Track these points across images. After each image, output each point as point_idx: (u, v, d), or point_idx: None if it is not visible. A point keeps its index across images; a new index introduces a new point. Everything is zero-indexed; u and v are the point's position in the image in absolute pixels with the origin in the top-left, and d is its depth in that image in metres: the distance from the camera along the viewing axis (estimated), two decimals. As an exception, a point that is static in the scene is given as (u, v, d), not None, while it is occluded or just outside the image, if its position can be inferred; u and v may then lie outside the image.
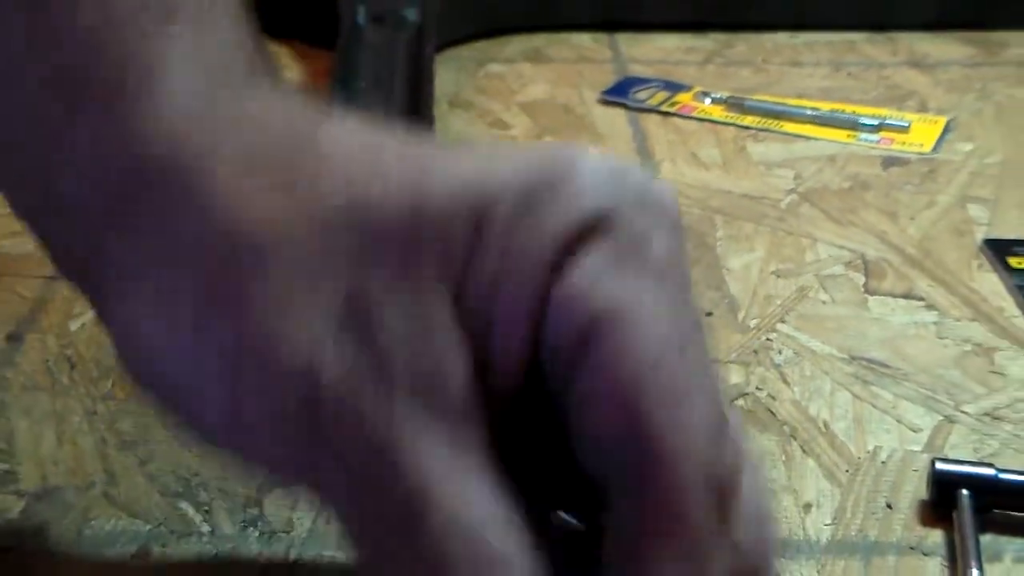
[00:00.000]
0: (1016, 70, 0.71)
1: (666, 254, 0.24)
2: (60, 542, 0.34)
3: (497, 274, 0.23)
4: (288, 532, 0.35)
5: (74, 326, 0.44)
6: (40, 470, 0.37)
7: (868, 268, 0.49)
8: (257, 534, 0.35)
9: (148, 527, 0.35)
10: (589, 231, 0.23)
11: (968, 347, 0.44)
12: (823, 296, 0.47)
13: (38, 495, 0.36)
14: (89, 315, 0.45)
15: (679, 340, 0.23)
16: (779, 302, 0.47)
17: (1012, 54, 0.73)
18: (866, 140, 0.61)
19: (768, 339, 0.44)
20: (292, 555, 0.34)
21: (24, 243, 0.50)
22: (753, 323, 0.45)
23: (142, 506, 0.36)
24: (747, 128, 0.62)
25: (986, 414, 0.40)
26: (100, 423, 0.39)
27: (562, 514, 0.26)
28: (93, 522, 0.35)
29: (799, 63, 0.72)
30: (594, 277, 0.23)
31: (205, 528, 0.35)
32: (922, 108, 0.65)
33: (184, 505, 0.36)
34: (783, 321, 0.45)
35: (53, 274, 0.48)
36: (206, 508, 0.36)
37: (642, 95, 0.66)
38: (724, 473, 0.23)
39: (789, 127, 0.62)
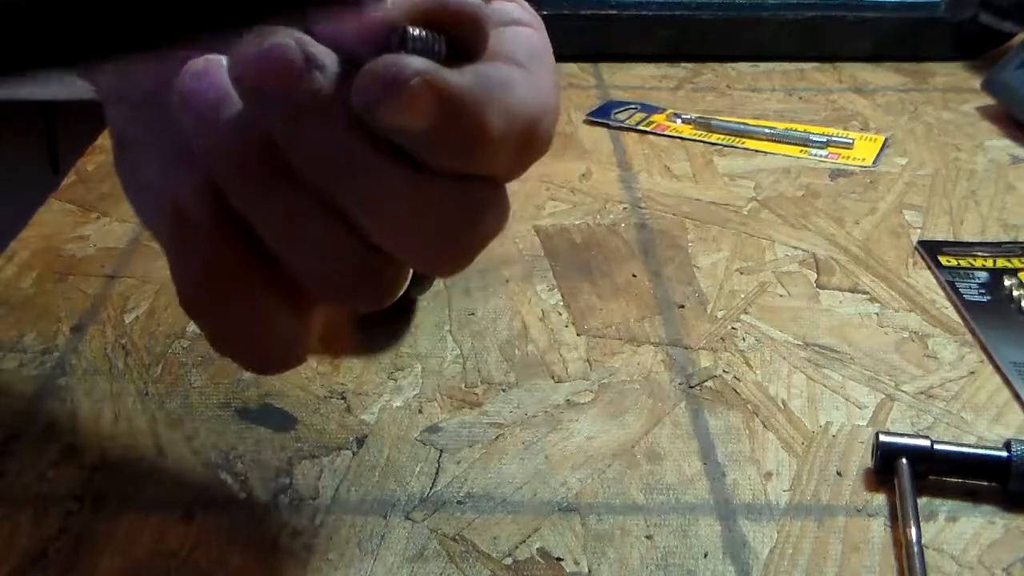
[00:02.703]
0: (942, 95, 0.70)
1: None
2: (116, 507, 0.33)
3: None
4: (314, 499, 0.34)
5: (128, 319, 0.43)
6: (99, 444, 0.36)
7: (819, 266, 0.48)
8: (287, 501, 0.34)
9: (192, 495, 0.34)
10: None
11: (906, 334, 0.43)
12: (780, 290, 0.46)
13: (97, 466, 0.35)
14: (142, 309, 0.44)
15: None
16: (742, 296, 0.46)
17: (938, 82, 0.73)
18: (816, 155, 0.60)
19: (733, 328, 0.44)
20: (318, 520, 0.33)
21: (86, 247, 0.49)
22: (720, 314, 0.45)
23: (187, 476, 0.35)
24: (713, 144, 0.62)
25: (921, 392, 0.40)
26: (151, 403, 0.38)
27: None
28: (144, 490, 0.34)
29: (758, 89, 0.71)
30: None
31: (241, 496, 0.34)
32: (864, 127, 0.65)
33: (223, 475, 0.35)
34: (746, 312, 0.45)
35: (111, 273, 0.47)
36: (242, 478, 0.35)
37: (622, 116, 0.65)
38: None
39: (750, 143, 0.62)
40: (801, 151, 0.61)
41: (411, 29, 0.22)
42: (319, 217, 0.23)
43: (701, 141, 0.62)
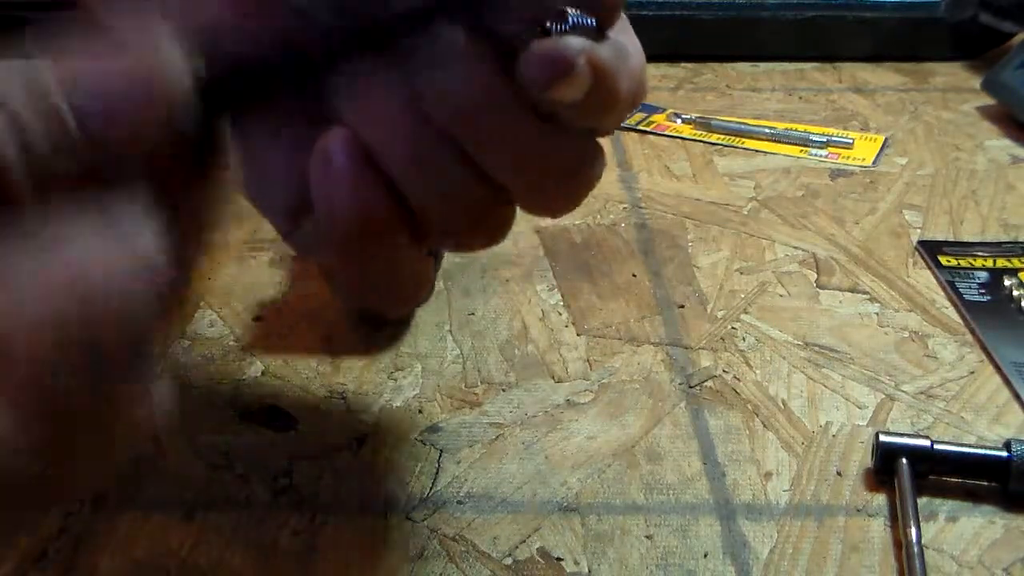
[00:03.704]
0: (942, 95, 0.70)
1: None
2: (116, 507, 0.33)
3: None
4: (314, 499, 0.34)
5: (130, 318, 0.43)
6: (99, 444, 0.36)
7: (819, 266, 0.48)
8: (287, 501, 0.34)
9: (192, 494, 0.34)
10: None
11: (906, 334, 0.43)
12: (780, 290, 0.46)
13: (97, 466, 0.35)
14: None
15: None
16: (742, 296, 0.46)
17: (938, 82, 0.73)
18: (816, 155, 0.60)
19: (733, 328, 0.44)
20: (318, 520, 0.33)
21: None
22: (720, 314, 0.44)
23: (188, 476, 0.35)
24: (713, 144, 0.62)
25: (921, 392, 0.40)
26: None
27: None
28: (144, 490, 0.34)
29: (758, 89, 0.71)
30: None
31: (242, 496, 0.34)
32: (864, 127, 0.65)
33: (223, 475, 0.35)
34: (746, 312, 0.45)
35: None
36: (242, 478, 0.35)
37: (622, 117, 0.65)
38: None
39: (750, 143, 0.62)
40: (801, 151, 0.61)
41: (568, 10, 0.24)
42: (450, 159, 0.26)
43: (701, 141, 0.62)
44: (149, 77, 0.18)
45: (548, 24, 0.24)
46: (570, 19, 0.24)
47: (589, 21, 0.25)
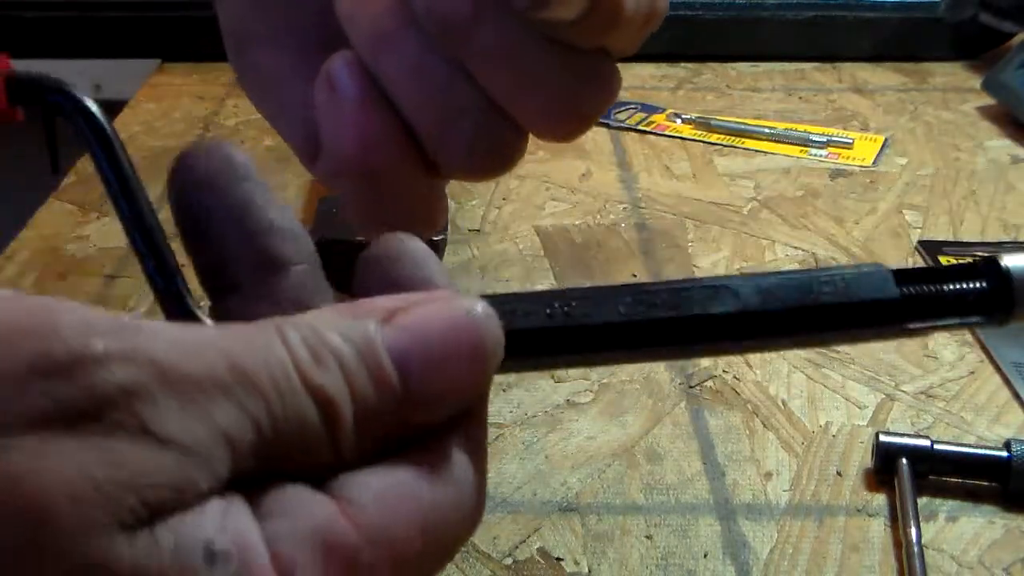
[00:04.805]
0: (942, 95, 0.70)
1: None
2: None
3: None
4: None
5: (130, 318, 0.43)
6: (99, 444, 0.36)
7: (819, 265, 0.48)
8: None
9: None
10: None
11: (906, 334, 0.43)
12: (780, 290, 0.46)
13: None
14: (142, 309, 0.44)
15: None
16: (742, 295, 0.46)
17: (938, 82, 0.73)
18: (816, 155, 0.60)
19: (733, 328, 0.44)
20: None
21: (86, 247, 0.49)
22: (719, 314, 0.44)
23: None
24: (713, 144, 0.62)
25: (922, 392, 0.40)
26: (151, 403, 0.38)
27: None
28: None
29: (758, 89, 0.71)
30: None
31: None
32: (864, 127, 0.65)
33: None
34: (745, 312, 0.45)
35: (111, 273, 0.47)
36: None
37: (622, 116, 0.65)
38: None
39: (750, 143, 0.62)
40: (801, 151, 0.61)
41: None
42: (452, 80, 0.25)
43: (701, 141, 0.62)
44: (475, 335, 0.18)
45: None
46: None
47: None
